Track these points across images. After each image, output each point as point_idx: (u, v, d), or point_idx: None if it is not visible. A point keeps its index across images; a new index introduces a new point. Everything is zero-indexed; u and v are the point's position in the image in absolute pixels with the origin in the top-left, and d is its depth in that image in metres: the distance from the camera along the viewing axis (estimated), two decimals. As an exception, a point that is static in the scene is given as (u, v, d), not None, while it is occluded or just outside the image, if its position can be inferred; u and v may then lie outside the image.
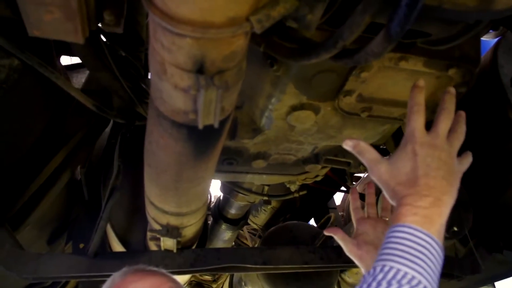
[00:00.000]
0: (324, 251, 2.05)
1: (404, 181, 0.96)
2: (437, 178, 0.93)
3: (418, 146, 0.98)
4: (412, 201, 0.91)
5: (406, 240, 0.86)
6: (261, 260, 1.94)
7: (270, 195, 2.45)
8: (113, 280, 1.23)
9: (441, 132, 1.02)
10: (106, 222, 1.87)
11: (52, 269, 1.84)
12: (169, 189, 1.48)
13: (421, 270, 0.83)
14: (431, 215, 0.89)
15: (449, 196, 0.93)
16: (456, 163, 1.01)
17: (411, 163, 0.96)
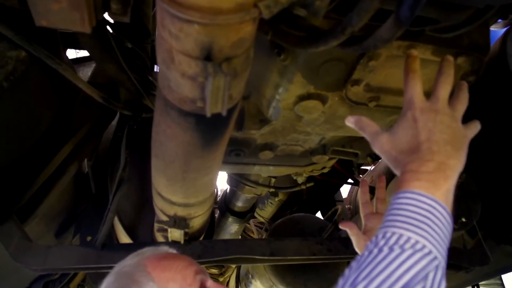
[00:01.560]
0: (331, 242, 2.04)
1: (406, 149, 0.93)
2: (440, 142, 0.89)
3: (418, 112, 0.95)
4: (415, 167, 0.88)
5: (409, 206, 0.83)
6: (269, 252, 1.94)
7: (277, 187, 2.45)
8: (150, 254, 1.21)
9: (441, 96, 0.98)
10: (113, 214, 1.88)
11: (60, 261, 1.85)
12: (177, 179, 1.48)
13: (425, 234, 0.79)
14: (435, 179, 0.85)
15: (455, 160, 0.89)
16: (461, 127, 0.96)
17: (412, 130, 0.93)
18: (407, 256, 0.77)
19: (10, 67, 1.52)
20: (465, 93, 1.04)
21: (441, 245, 0.80)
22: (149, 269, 1.10)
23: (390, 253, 0.78)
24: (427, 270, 0.76)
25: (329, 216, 2.85)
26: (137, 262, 1.15)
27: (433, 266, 0.77)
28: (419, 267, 0.75)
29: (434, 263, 0.77)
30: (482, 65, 1.33)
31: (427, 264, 0.76)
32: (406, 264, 0.76)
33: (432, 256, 0.77)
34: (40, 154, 1.99)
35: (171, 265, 1.12)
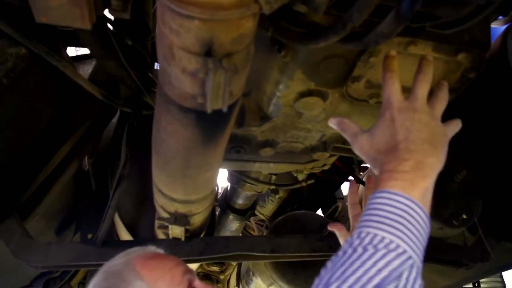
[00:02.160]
0: (332, 239, 2.04)
1: (384, 149, 0.92)
2: (417, 141, 0.88)
3: (395, 111, 0.94)
4: (392, 167, 0.87)
5: (384, 205, 0.82)
6: (269, 248, 1.94)
7: (277, 184, 2.45)
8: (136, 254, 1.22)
9: (419, 95, 0.98)
10: (114, 210, 1.88)
11: (61, 258, 1.85)
12: (177, 176, 1.48)
13: (400, 234, 0.79)
14: (412, 178, 0.85)
15: (433, 159, 0.88)
16: (440, 125, 0.96)
17: (389, 129, 0.93)
18: (380, 255, 0.77)
19: (10, 64, 1.52)
20: (444, 92, 1.04)
21: (416, 244, 0.80)
22: (138, 268, 1.10)
23: (364, 253, 0.78)
24: (401, 269, 0.76)
25: (329, 213, 2.85)
26: (126, 261, 1.15)
27: (408, 265, 0.77)
28: (393, 267, 0.75)
29: (408, 262, 0.77)
30: (482, 61, 1.33)
31: (401, 263, 0.76)
32: (379, 263, 0.76)
33: (407, 255, 0.77)
34: (40, 152, 1.99)
35: (160, 265, 1.13)
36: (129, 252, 1.25)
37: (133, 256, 1.19)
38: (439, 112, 0.99)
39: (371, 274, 0.75)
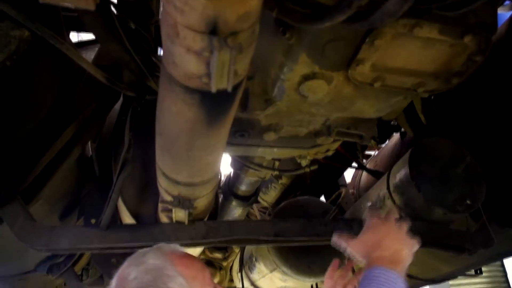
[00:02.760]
0: (336, 224, 2.05)
1: (370, 246, 1.36)
2: (393, 239, 1.35)
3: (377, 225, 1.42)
4: (378, 254, 1.31)
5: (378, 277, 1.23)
6: (273, 232, 1.94)
7: (280, 169, 2.44)
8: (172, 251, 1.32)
9: (392, 218, 1.45)
10: (117, 194, 1.88)
11: (65, 241, 1.85)
12: (181, 158, 1.48)
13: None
14: (393, 260, 1.28)
15: (404, 252, 1.33)
16: (407, 237, 1.41)
17: (374, 234, 1.40)
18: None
19: (13, 47, 1.51)
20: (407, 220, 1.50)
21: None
22: (176, 264, 1.22)
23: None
24: None
25: (333, 199, 2.85)
26: (164, 258, 1.24)
27: None
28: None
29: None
30: (489, 44, 1.32)
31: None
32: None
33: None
34: (43, 136, 1.99)
35: (192, 264, 1.28)
36: (160, 247, 1.32)
37: (169, 253, 1.28)
38: (404, 229, 1.43)
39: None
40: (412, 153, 2.18)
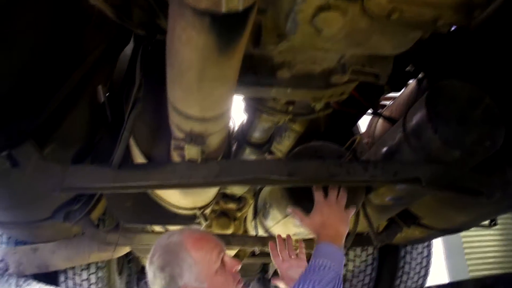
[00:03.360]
0: (351, 165, 2.01)
1: (318, 225, 1.84)
2: (334, 220, 1.83)
3: (323, 207, 1.90)
4: (324, 232, 1.77)
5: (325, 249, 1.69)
6: (286, 172, 1.91)
7: (294, 113, 2.41)
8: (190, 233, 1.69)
9: (332, 198, 1.94)
10: (129, 133, 1.86)
11: (78, 181, 1.85)
12: (192, 90, 1.45)
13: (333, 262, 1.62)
14: (335, 237, 1.75)
15: (342, 228, 1.83)
16: (344, 212, 1.92)
17: (319, 216, 1.88)
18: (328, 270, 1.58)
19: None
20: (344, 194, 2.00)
21: (340, 267, 1.63)
22: (189, 247, 1.57)
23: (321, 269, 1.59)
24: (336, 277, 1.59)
25: (347, 146, 2.81)
26: (180, 241, 1.61)
27: (338, 275, 1.59)
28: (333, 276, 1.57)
29: (337, 275, 1.59)
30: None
31: (336, 275, 1.59)
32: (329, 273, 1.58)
33: (338, 272, 1.61)
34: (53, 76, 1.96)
35: (204, 246, 1.60)
36: (183, 230, 1.73)
37: (187, 235, 1.65)
38: (343, 204, 1.94)
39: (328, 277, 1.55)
40: (429, 94, 2.12)
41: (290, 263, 2.19)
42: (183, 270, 1.53)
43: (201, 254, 1.56)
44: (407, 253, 4.91)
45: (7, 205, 2.68)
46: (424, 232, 3.59)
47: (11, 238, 4.18)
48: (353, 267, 4.65)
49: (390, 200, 2.66)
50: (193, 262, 1.54)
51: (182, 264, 1.53)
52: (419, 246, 4.94)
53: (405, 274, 4.93)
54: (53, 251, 3.89)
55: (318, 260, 1.62)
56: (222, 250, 1.63)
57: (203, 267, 1.55)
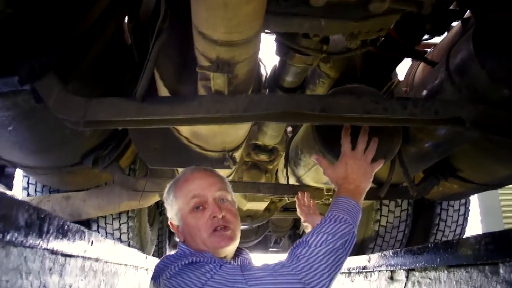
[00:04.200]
0: (388, 102, 1.87)
1: (340, 177, 1.69)
2: (357, 175, 1.67)
3: (348, 159, 1.72)
4: (345, 186, 1.64)
5: (343, 203, 1.55)
6: (319, 108, 1.79)
7: (329, 52, 2.27)
8: (184, 173, 1.73)
9: (359, 150, 1.75)
10: (153, 64, 1.77)
11: (101, 113, 1.79)
12: (217, 7, 1.33)
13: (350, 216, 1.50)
14: (355, 193, 1.60)
15: (364, 184, 1.67)
16: (369, 166, 1.73)
17: (343, 168, 1.70)
18: (343, 224, 1.46)
19: None
20: (373, 147, 1.79)
21: (355, 222, 1.51)
22: (174, 186, 1.69)
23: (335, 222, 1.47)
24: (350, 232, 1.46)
25: (385, 90, 2.67)
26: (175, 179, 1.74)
27: (352, 231, 1.47)
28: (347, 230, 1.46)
29: (352, 229, 1.47)
30: None
31: (350, 229, 1.47)
32: (343, 227, 1.45)
33: (352, 227, 1.48)
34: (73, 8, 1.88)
35: (184, 187, 1.65)
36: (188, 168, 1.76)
37: (183, 173, 1.73)
38: (369, 158, 1.75)
39: (341, 230, 1.44)
40: (477, 28, 1.96)
41: (312, 217, 2.37)
42: (168, 207, 1.70)
43: (180, 194, 1.64)
44: (443, 210, 4.77)
45: (36, 149, 2.67)
46: (463, 186, 3.44)
47: (45, 187, 4.24)
48: (386, 223, 4.55)
49: (429, 147, 2.53)
50: (174, 200, 1.65)
51: (168, 201, 1.69)
52: (455, 203, 4.80)
53: (439, 232, 4.81)
54: (84, 200, 3.93)
55: (334, 213, 1.50)
56: (200, 194, 1.61)
57: (179, 207, 1.63)
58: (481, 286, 1.79)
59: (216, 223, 1.56)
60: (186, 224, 1.60)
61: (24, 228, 1.27)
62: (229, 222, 1.59)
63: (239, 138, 2.50)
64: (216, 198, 1.61)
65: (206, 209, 1.58)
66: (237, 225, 1.63)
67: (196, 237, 1.57)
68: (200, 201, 1.60)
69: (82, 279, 1.92)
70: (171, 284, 1.39)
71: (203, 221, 1.56)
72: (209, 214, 1.57)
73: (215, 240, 1.55)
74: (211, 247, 1.54)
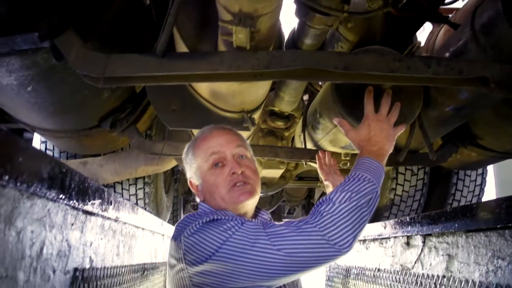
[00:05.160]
0: (412, 60, 1.84)
1: (363, 139, 1.65)
2: (380, 137, 1.63)
3: (371, 122, 1.68)
4: (368, 148, 1.61)
5: (366, 164, 1.53)
6: (342, 65, 1.77)
7: (350, 12, 2.23)
8: (203, 131, 1.69)
9: (383, 113, 1.71)
10: (173, 18, 1.74)
11: (121, 69, 1.77)
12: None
13: (373, 176, 1.48)
14: (378, 154, 1.58)
15: (387, 146, 1.64)
16: (391, 129, 1.69)
17: (367, 130, 1.66)
18: (367, 182, 1.44)
19: None
20: (396, 110, 1.75)
21: (379, 182, 1.49)
22: (193, 144, 1.67)
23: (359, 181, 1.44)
24: (374, 190, 1.44)
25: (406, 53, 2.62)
26: (194, 138, 1.71)
27: (375, 190, 1.45)
28: (371, 188, 1.43)
29: (376, 189, 1.45)
30: None
31: (374, 188, 1.44)
32: (367, 186, 1.43)
33: (376, 186, 1.46)
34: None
35: (202, 144, 1.62)
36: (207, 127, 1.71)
37: (201, 132, 1.69)
38: (392, 122, 1.71)
39: (364, 188, 1.42)
40: (506, -15, 1.90)
41: (333, 176, 2.27)
42: (187, 166, 1.67)
43: (198, 152, 1.62)
44: (459, 180, 4.74)
45: (54, 110, 2.67)
46: (482, 154, 3.40)
47: (63, 153, 4.27)
48: (402, 192, 4.52)
49: (450, 111, 2.50)
50: (193, 158, 1.63)
51: (187, 160, 1.67)
52: (472, 173, 4.76)
53: (455, 202, 4.77)
54: (101, 165, 3.95)
55: (357, 173, 1.47)
56: (219, 151, 1.58)
57: (198, 165, 1.61)
58: (501, 249, 1.77)
59: (236, 179, 1.53)
60: (206, 182, 1.58)
61: (47, 181, 1.27)
62: (249, 177, 1.56)
63: (259, 98, 2.48)
64: (235, 154, 1.58)
65: (225, 166, 1.56)
66: (257, 181, 1.59)
67: (215, 194, 1.55)
68: (219, 157, 1.57)
69: (102, 238, 1.94)
70: (192, 242, 1.37)
71: (222, 178, 1.54)
72: (228, 170, 1.54)
73: (234, 195, 1.52)
74: (231, 203, 1.53)
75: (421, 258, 2.48)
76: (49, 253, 1.39)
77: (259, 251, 1.29)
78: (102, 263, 1.89)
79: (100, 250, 1.87)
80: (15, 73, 2.11)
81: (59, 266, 1.46)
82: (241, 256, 1.30)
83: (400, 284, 2.53)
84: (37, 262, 1.31)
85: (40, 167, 1.23)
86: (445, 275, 2.09)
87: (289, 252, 1.28)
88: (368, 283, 3.06)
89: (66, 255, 1.51)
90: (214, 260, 1.31)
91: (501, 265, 1.76)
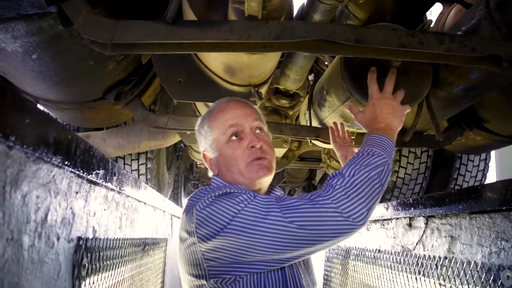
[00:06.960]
0: (424, 36, 1.81)
1: (370, 119, 1.66)
2: (387, 114, 1.63)
3: (376, 101, 1.69)
4: (375, 125, 1.61)
5: (375, 139, 1.51)
6: (354, 38, 1.74)
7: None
8: (219, 103, 1.65)
9: (387, 90, 1.71)
10: (184, -18, 1.71)
11: (129, 35, 1.73)
12: None
13: (384, 151, 1.45)
14: (385, 129, 1.57)
15: (395, 123, 1.62)
16: (398, 106, 1.67)
17: (372, 109, 1.67)
18: (377, 156, 1.42)
19: None
20: (402, 92, 1.73)
21: (390, 157, 1.46)
22: (210, 117, 1.61)
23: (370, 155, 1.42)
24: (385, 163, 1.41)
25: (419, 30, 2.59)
26: (209, 110, 1.66)
27: (387, 163, 1.42)
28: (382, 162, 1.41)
29: (387, 162, 1.43)
30: None
31: (385, 161, 1.42)
32: (377, 159, 1.41)
33: (387, 160, 1.43)
34: None
35: (219, 117, 1.57)
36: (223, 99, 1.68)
37: (217, 104, 1.65)
38: (399, 99, 1.70)
39: (374, 162, 1.40)
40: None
41: (346, 148, 2.22)
42: (202, 138, 1.63)
43: (215, 124, 1.57)
44: (462, 164, 4.74)
45: (59, 80, 2.64)
46: (487, 138, 3.38)
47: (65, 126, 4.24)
48: (405, 174, 4.53)
49: (459, 91, 2.47)
50: (209, 131, 1.58)
51: (202, 132, 1.62)
52: (475, 159, 4.76)
53: (457, 186, 4.78)
54: (104, 139, 3.93)
55: (367, 148, 1.45)
56: (238, 123, 1.54)
57: (215, 137, 1.56)
58: (505, 231, 1.76)
59: (254, 153, 1.49)
60: (222, 155, 1.54)
61: (53, 146, 1.25)
62: (266, 152, 1.52)
63: (267, 72, 2.45)
64: (253, 127, 1.54)
65: (244, 139, 1.51)
66: (273, 157, 1.56)
67: (232, 168, 1.51)
68: (238, 130, 1.52)
69: (105, 208, 1.92)
70: (204, 215, 1.33)
71: (241, 151, 1.50)
72: (246, 143, 1.50)
73: (253, 169, 1.48)
74: (248, 177, 1.49)
75: (423, 239, 2.47)
76: (54, 219, 1.37)
77: (271, 223, 1.26)
78: (105, 234, 1.87)
79: (103, 221, 1.86)
80: (20, 39, 2.08)
81: (63, 234, 1.44)
82: (252, 229, 1.27)
83: (400, 265, 2.53)
84: (42, 227, 1.29)
85: (47, 131, 1.21)
86: (447, 256, 2.09)
87: (301, 225, 1.25)
88: (367, 264, 3.06)
89: (70, 223, 1.50)
90: (226, 233, 1.29)
91: (504, 247, 1.75)
